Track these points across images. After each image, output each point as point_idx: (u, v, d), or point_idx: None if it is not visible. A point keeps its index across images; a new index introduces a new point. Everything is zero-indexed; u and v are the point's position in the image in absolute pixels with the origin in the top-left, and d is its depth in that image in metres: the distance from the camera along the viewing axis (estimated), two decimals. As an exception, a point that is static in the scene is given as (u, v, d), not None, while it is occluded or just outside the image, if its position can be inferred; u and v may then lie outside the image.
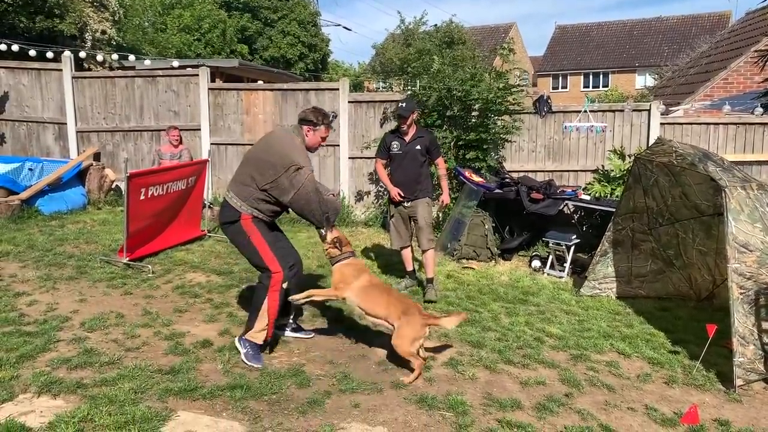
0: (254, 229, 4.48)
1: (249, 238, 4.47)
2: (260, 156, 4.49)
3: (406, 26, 31.23)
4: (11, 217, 8.37)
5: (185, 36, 26.34)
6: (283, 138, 4.61)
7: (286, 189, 4.36)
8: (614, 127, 9.32)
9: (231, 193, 4.53)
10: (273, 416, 3.67)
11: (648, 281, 6.76)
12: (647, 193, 6.41)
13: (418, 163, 6.27)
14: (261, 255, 4.46)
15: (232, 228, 4.53)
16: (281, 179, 4.35)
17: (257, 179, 4.42)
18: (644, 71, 38.39)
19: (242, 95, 10.38)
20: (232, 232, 4.56)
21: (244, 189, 4.47)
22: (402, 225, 6.41)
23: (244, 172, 4.53)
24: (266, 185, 4.40)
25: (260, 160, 4.46)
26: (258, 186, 4.42)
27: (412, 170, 6.26)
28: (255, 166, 4.46)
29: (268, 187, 4.40)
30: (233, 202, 4.49)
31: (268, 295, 4.43)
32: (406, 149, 6.26)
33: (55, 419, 3.42)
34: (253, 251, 4.48)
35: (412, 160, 6.25)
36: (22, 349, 4.34)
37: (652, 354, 5.07)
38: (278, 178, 4.35)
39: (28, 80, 10.80)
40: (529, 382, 4.37)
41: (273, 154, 4.44)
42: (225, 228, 4.63)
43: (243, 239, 4.50)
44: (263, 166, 4.41)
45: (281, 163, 4.37)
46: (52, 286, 5.92)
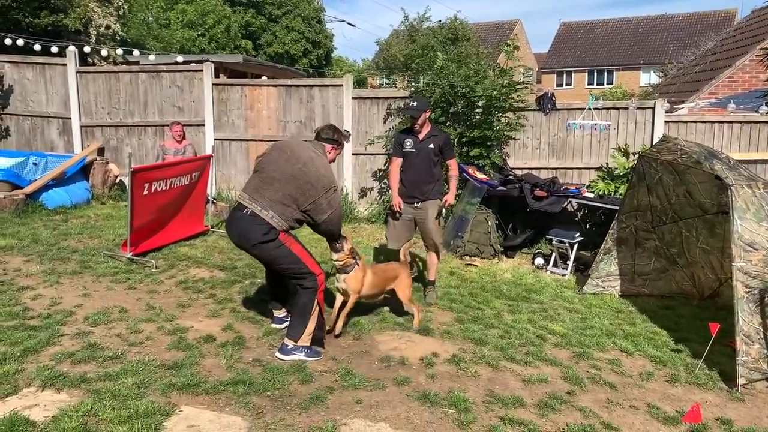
0: (290, 239, 4.52)
1: (290, 249, 4.48)
2: (299, 176, 4.42)
3: (410, 23, 31.20)
4: (15, 212, 8.39)
5: (189, 31, 26.35)
6: (317, 158, 4.58)
7: (324, 209, 4.47)
8: (618, 124, 9.29)
9: (271, 213, 4.38)
10: (275, 412, 3.68)
11: (651, 279, 6.75)
12: (651, 192, 6.40)
13: (431, 162, 6.05)
14: (304, 261, 4.52)
15: (271, 245, 4.43)
16: (321, 200, 4.44)
17: (299, 200, 4.42)
18: (649, 69, 38.32)
19: (246, 91, 10.38)
20: (270, 248, 4.44)
21: (286, 209, 4.41)
22: (402, 226, 6.09)
23: (282, 191, 4.41)
24: (308, 206, 4.44)
25: (300, 180, 4.41)
26: (299, 207, 4.44)
27: (423, 169, 6.04)
28: (296, 187, 4.41)
29: (309, 208, 4.45)
30: (274, 222, 4.38)
31: (318, 297, 4.54)
32: (418, 147, 6.02)
33: (59, 413, 3.43)
34: (296, 260, 4.49)
35: (425, 159, 6.03)
36: (26, 343, 4.36)
37: (654, 352, 5.07)
38: (318, 199, 4.43)
39: (32, 75, 10.82)
40: (532, 380, 4.37)
41: (312, 174, 4.44)
42: (259, 246, 4.44)
43: (284, 251, 4.46)
44: (304, 187, 4.41)
45: (321, 185, 4.44)
46: (56, 281, 5.94)
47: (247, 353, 4.52)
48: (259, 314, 5.34)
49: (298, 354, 4.46)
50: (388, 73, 32.71)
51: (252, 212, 4.40)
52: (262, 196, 4.43)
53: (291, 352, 4.46)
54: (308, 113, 10.16)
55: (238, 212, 4.51)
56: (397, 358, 4.59)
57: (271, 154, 4.62)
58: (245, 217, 4.42)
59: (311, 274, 4.52)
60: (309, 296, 4.51)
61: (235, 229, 4.54)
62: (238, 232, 4.51)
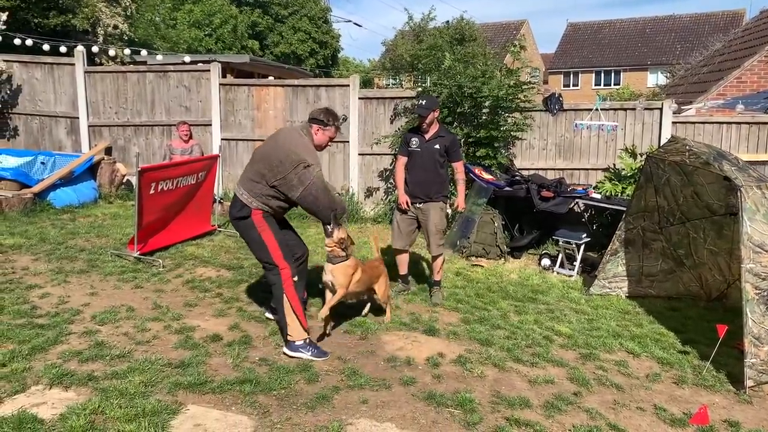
0: (265, 225, 4.57)
1: (260, 234, 4.56)
2: (269, 153, 4.56)
3: (415, 23, 31.17)
4: (23, 211, 8.43)
5: (196, 31, 26.41)
6: (292, 136, 4.67)
7: (294, 185, 4.45)
8: (626, 125, 9.27)
9: (242, 189, 4.62)
10: (282, 411, 3.68)
11: (658, 281, 6.73)
12: (659, 192, 6.38)
13: (436, 163, 5.94)
14: (270, 251, 4.55)
15: (244, 223, 4.61)
16: (290, 176, 4.43)
17: (266, 176, 4.50)
18: (656, 69, 38.18)
19: (253, 91, 10.40)
20: (243, 226, 4.65)
21: (255, 185, 4.55)
22: (406, 225, 6.08)
23: (253, 169, 4.61)
24: (275, 182, 4.47)
25: (269, 156, 4.54)
26: (267, 182, 4.50)
27: (428, 170, 5.93)
28: (264, 163, 4.53)
29: (277, 183, 4.47)
30: (244, 198, 4.57)
31: (286, 292, 4.51)
32: (424, 147, 5.93)
33: (66, 411, 3.45)
34: (262, 246, 4.57)
35: (430, 160, 5.92)
36: (34, 342, 4.38)
37: (661, 354, 5.05)
38: (287, 174, 4.44)
39: (41, 74, 10.88)
40: (538, 381, 4.36)
41: (282, 151, 4.51)
42: (236, 223, 4.70)
43: (254, 234, 4.59)
44: (272, 162, 4.49)
45: (289, 160, 4.45)
46: (64, 279, 5.97)
47: (253, 352, 4.53)
48: (265, 313, 5.35)
49: (304, 352, 4.48)
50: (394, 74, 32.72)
51: (235, 193, 4.71)
52: (243, 177, 4.71)
53: (298, 349, 4.49)
54: (315, 113, 10.15)
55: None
56: (403, 358, 4.59)
57: (263, 144, 4.82)
58: (235, 199, 4.71)
59: (275, 266, 4.57)
60: (278, 292, 4.57)
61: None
62: (229, 211, 4.83)
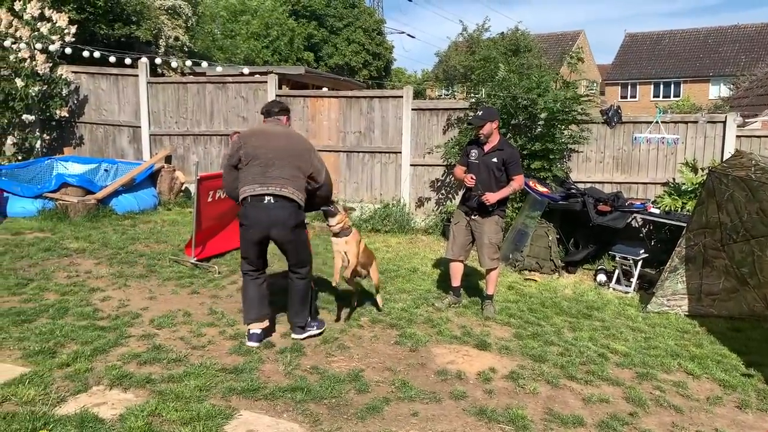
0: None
1: (307, 235, 4.87)
2: (289, 147, 4.67)
3: (469, 34, 31.10)
4: (87, 216, 8.75)
5: (253, 42, 26.97)
6: (284, 128, 4.87)
7: (319, 170, 4.74)
8: (686, 138, 9.01)
9: (290, 188, 4.54)
10: (332, 420, 3.70)
11: (720, 300, 6.50)
12: (721, 208, 6.17)
13: (494, 176, 5.80)
14: (310, 250, 4.95)
15: (301, 229, 4.74)
16: (314, 161, 4.72)
17: (303, 168, 4.65)
18: (719, 81, 37.01)
19: (308, 102, 10.56)
20: (300, 232, 4.75)
21: (297, 181, 4.62)
22: (462, 235, 6.01)
23: (287, 165, 4.58)
24: (311, 170, 4.67)
25: (292, 150, 4.65)
26: (305, 174, 4.65)
27: (486, 183, 5.78)
28: (294, 157, 4.63)
29: (312, 171, 4.68)
30: (297, 197, 4.58)
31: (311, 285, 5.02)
32: (482, 160, 5.84)
33: (125, 412, 3.55)
34: (307, 246, 4.89)
35: (487, 173, 5.80)
36: (95, 343, 4.53)
37: (723, 376, 4.87)
38: (313, 161, 4.70)
39: (106, 85, 11.30)
40: (592, 399, 4.26)
41: (297, 142, 4.75)
42: (295, 230, 4.66)
43: (305, 237, 4.84)
44: (299, 154, 4.66)
45: (307, 148, 4.75)
46: (124, 283, 6.16)
47: (305, 360, 4.57)
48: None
49: (310, 329, 4.95)
50: (447, 84, 32.71)
51: (275, 196, 4.50)
52: (273, 177, 4.53)
53: (306, 330, 4.93)
54: (368, 124, 10.25)
55: (259, 203, 4.51)
56: (454, 371, 4.55)
57: (252, 142, 4.67)
58: (272, 204, 4.51)
59: (308, 263, 4.93)
60: (308, 283, 4.94)
61: (265, 219, 4.53)
62: (271, 220, 4.53)
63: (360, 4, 33.14)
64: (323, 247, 8.33)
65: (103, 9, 13.14)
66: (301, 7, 30.72)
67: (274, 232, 4.60)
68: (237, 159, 4.67)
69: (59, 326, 4.80)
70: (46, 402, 3.59)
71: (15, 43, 10.13)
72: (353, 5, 32.46)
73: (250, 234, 4.66)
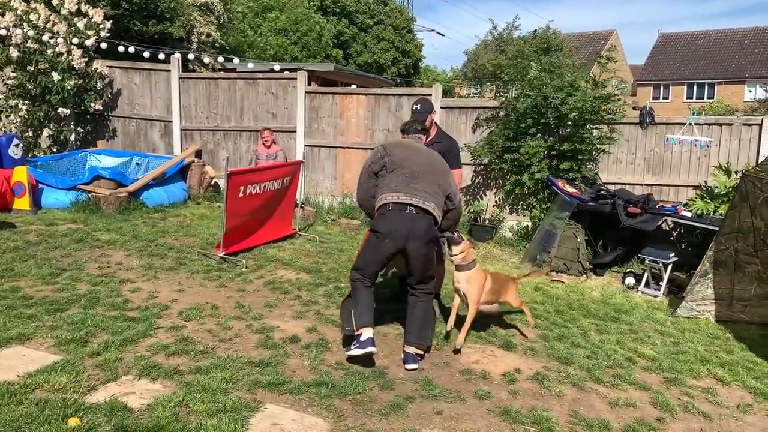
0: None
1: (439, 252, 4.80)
2: (431, 163, 4.62)
3: (498, 33, 30.93)
4: (119, 208, 8.89)
5: (282, 38, 27.12)
6: (423, 146, 4.81)
7: (455, 192, 4.69)
8: (720, 141, 8.85)
9: (432, 204, 4.46)
10: (356, 416, 3.72)
11: (752, 306, 6.38)
12: (755, 213, 6.05)
13: None
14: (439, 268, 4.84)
15: (434, 243, 4.67)
16: (452, 182, 4.69)
17: (443, 186, 4.60)
18: (754, 83, 36.25)
19: (337, 99, 10.59)
20: (433, 247, 4.63)
21: (438, 198, 4.55)
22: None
23: (430, 181, 4.52)
24: (449, 189, 4.64)
25: (433, 167, 4.61)
26: (444, 192, 4.61)
27: None
28: (437, 174, 4.60)
29: (450, 191, 4.65)
30: (436, 213, 4.50)
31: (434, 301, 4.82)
32: None
33: (153, 402, 3.60)
34: (434, 263, 4.73)
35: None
36: (125, 334, 4.61)
37: (754, 383, 4.78)
38: (451, 181, 4.67)
39: (139, 80, 11.48)
40: (619, 403, 4.22)
41: (438, 161, 4.68)
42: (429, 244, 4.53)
43: (435, 250, 4.73)
44: (442, 171, 4.64)
45: (447, 168, 4.70)
46: (154, 276, 6.25)
47: (330, 356, 4.59)
48: (342, 318, 5.42)
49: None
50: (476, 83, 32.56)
51: (417, 208, 4.40)
52: (417, 189, 4.45)
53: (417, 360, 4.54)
54: (395, 122, 10.23)
55: (401, 212, 4.40)
56: (479, 371, 4.54)
57: (396, 153, 4.61)
58: (413, 215, 4.39)
59: (432, 278, 4.71)
60: (431, 300, 4.75)
61: (405, 229, 4.38)
62: (412, 233, 4.38)
63: (391, 2, 33.15)
64: (348, 244, 8.38)
65: (137, 5, 13.35)
66: (331, 2, 30.80)
67: (410, 244, 4.41)
68: (380, 166, 4.58)
69: (90, 316, 4.89)
70: (77, 390, 3.66)
71: (52, 37, 10.34)
72: (384, 2, 32.49)
73: (384, 245, 4.45)
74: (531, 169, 8.86)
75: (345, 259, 7.48)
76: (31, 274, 5.94)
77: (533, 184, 8.98)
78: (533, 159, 8.83)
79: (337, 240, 8.55)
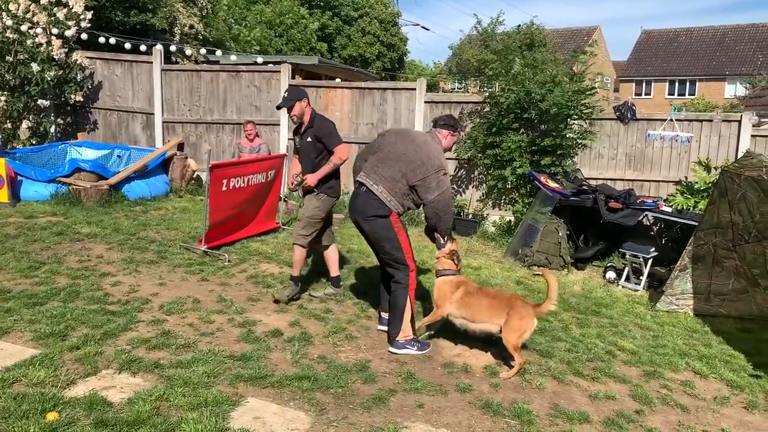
0: (400, 227, 4.75)
1: (397, 235, 4.71)
2: (409, 153, 4.68)
3: (483, 28, 30.97)
4: (100, 201, 8.81)
5: (266, 31, 26.95)
6: (427, 139, 4.84)
7: (431, 188, 4.61)
8: (701, 137, 8.94)
9: (380, 187, 4.64)
10: (338, 410, 3.72)
11: (729, 300, 6.47)
12: (733, 208, 6.13)
13: (311, 158, 5.56)
14: (404, 251, 4.73)
15: (381, 222, 4.68)
16: (430, 178, 4.60)
17: (408, 176, 4.63)
18: (735, 80, 36.69)
19: (321, 93, 10.56)
20: (379, 225, 4.69)
21: (396, 184, 4.64)
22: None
23: (392, 168, 4.66)
24: (416, 182, 4.62)
25: (410, 157, 4.66)
26: (408, 182, 4.64)
27: (307, 165, 5.58)
28: (405, 163, 4.65)
29: (417, 184, 4.62)
30: (383, 197, 4.64)
31: (410, 293, 4.73)
32: (302, 143, 5.63)
33: (133, 396, 3.58)
34: (397, 246, 4.73)
35: (307, 155, 5.60)
36: (105, 327, 4.57)
37: (731, 376, 4.85)
38: (428, 176, 4.60)
39: (121, 71, 11.35)
40: (599, 396, 4.26)
41: (423, 153, 4.67)
42: (370, 220, 4.70)
43: (391, 234, 4.71)
44: (414, 163, 4.63)
45: (431, 164, 4.63)
46: (135, 269, 6.20)
47: (312, 350, 4.59)
48: (324, 312, 5.42)
49: (410, 348, 4.69)
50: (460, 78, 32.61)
51: (367, 188, 4.68)
52: (376, 173, 4.70)
53: (404, 346, 4.68)
54: (380, 116, 10.24)
55: (356, 190, 4.83)
56: (461, 364, 4.56)
57: (389, 137, 4.90)
58: (362, 193, 4.73)
59: (406, 266, 4.73)
60: (401, 292, 4.73)
61: (352, 205, 4.84)
62: (355, 207, 4.79)
63: (374, -5, 33.07)
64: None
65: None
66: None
67: (358, 219, 4.78)
68: (373, 147, 4.95)
69: (70, 310, 4.85)
70: (56, 384, 3.63)
71: (32, 28, 10.19)
72: (368, -5, 32.41)
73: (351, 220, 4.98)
74: (513, 164, 8.90)
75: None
76: (10, 267, 5.87)
77: (515, 179, 9.02)
78: (515, 154, 8.87)
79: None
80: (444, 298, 4.69)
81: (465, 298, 4.65)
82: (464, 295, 4.65)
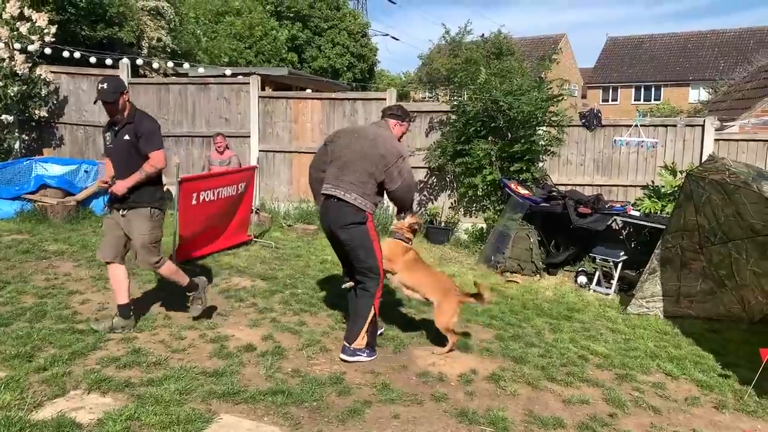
0: (375, 235, 4.76)
1: (372, 243, 4.72)
2: (367, 150, 4.68)
3: (451, 37, 31.19)
4: (67, 218, 8.66)
5: (237, 43, 26.81)
6: (379, 131, 4.87)
7: (394, 178, 4.67)
8: (666, 142, 9.11)
9: (353, 194, 4.61)
10: (313, 423, 3.69)
11: (698, 301, 6.58)
12: (699, 211, 6.25)
13: (126, 161, 4.75)
14: (377, 260, 4.74)
15: (360, 229, 4.66)
16: (391, 169, 4.64)
17: (375, 174, 4.64)
18: (698, 85, 37.48)
19: (291, 103, 10.53)
20: (358, 233, 4.66)
21: (365, 186, 4.65)
22: (111, 231, 4.92)
23: (357, 170, 4.64)
24: (382, 177, 4.65)
25: (370, 153, 4.67)
26: (376, 180, 4.66)
27: (122, 170, 4.75)
28: (368, 161, 4.65)
29: (384, 178, 4.65)
30: (358, 203, 4.61)
31: (376, 301, 4.75)
32: (116, 142, 4.79)
33: (103, 416, 3.51)
34: (373, 255, 4.72)
35: (120, 156, 4.79)
36: (74, 347, 4.48)
37: (701, 377, 4.93)
38: (389, 168, 4.64)
39: (87, 86, 11.18)
40: (573, 401, 4.29)
41: (380, 145, 4.69)
42: (348, 228, 4.66)
43: (368, 242, 4.70)
44: (375, 159, 4.65)
45: (390, 154, 4.67)
46: (104, 286, 6.09)
47: (286, 363, 4.55)
48: (298, 325, 5.38)
49: (361, 355, 4.68)
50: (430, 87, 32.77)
51: (337, 198, 4.64)
52: (343, 181, 4.66)
53: (355, 353, 4.65)
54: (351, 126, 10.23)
55: (326, 202, 4.74)
56: (436, 373, 4.57)
57: (341, 141, 4.84)
58: (333, 204, 4.68)
59: (377, 276, 4.73)
60: (367, 300, 4.73)
61: (326, 218, 4.80)
62: (330, 220, 4.74)
63: (345, 6, 33.13)
64: (305, 249, 8.35)
65: (84, 10, 12.99)
66: (285, 8, 30.61)
67: (335, 231, 4.74)
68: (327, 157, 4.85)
69: (37, 330, 4.74)
70: (22, 407, 3.54)
71: (-7, 42, 10.00)
72: (338, 7, 32.45)
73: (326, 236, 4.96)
74: (483, 172, 8.98)
75: (302, 265, 7.43)
76: (-27, 287, 5.73)
77: (486, 187, 9.09)
78: (484, 161, 8.94)
79: (294, 246, 8.49)
80: (397, 255, 4.95)
81: (412, 263, 4.99)
82: (412, 260, 5.00)
